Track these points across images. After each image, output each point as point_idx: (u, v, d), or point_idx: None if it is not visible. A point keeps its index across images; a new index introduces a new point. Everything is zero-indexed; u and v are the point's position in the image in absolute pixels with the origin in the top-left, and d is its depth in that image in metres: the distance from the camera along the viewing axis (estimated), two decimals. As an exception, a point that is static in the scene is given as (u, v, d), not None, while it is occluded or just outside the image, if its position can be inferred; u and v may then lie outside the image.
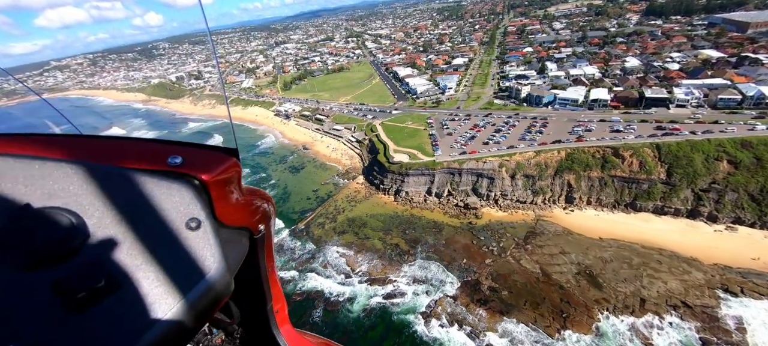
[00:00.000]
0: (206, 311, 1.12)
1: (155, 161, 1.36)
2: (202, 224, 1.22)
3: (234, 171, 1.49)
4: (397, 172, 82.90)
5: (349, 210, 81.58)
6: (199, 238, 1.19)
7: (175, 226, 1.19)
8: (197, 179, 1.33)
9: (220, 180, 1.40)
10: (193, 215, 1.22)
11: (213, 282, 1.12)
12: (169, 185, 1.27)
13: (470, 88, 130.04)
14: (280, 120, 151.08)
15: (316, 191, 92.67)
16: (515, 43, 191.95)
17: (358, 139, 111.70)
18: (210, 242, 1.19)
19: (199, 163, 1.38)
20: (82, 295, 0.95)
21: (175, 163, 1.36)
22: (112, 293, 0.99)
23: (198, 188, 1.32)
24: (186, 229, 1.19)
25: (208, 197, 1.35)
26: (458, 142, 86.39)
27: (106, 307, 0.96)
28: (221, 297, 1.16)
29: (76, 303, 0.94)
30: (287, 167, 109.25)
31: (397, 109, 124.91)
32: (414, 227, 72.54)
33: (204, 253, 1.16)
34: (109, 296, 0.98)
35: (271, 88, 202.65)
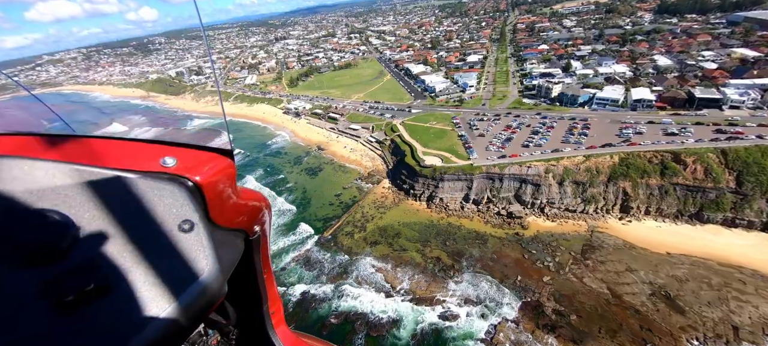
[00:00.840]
0: (199, 313, 1.10)
1: (148, 163, 1.34)
2: (196, 226, 1.20)
3: (229, 172, 1.47)
4: (430, 176, 76.12)
5: (379, 218, 74.72)
6: (192, 240, 1.17)
7: (167, 228, 1.17)
8: (191, 181, 1.31)
9: (215, 181, 1.37)
10: (186, 216, 1.21)
11: (206, 284, 1.10)
12: (162, 186, 1.25)
13: (492, 86, 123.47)
14: (290, 118, 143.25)
15: (338, 196, 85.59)
16: (528, 41, 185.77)
17: (379, 139, 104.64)
18: (203, 244, 1.17)
19: (193, 165, 1.36)
20: (70, 298, 0.93)
21: (168, 164, 1.34)
22: (102, 295, 0.97)
23: (192, 190, 1.30)
24: (179, 231, 1.17)
25: (202, 198, 1.32)
26: (494, 145, 79.77)
27: (96, 310, 0.94)
28: (214, 300, 1.15)
29: (65, 306, 0.92)
30: (304, 169, 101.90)
31: (417, 107, 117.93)
32: (454, 237, 65.92)
33: (197, 255, 1.14)
34: (98, 299, 0.96)
35: (277, 85, 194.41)
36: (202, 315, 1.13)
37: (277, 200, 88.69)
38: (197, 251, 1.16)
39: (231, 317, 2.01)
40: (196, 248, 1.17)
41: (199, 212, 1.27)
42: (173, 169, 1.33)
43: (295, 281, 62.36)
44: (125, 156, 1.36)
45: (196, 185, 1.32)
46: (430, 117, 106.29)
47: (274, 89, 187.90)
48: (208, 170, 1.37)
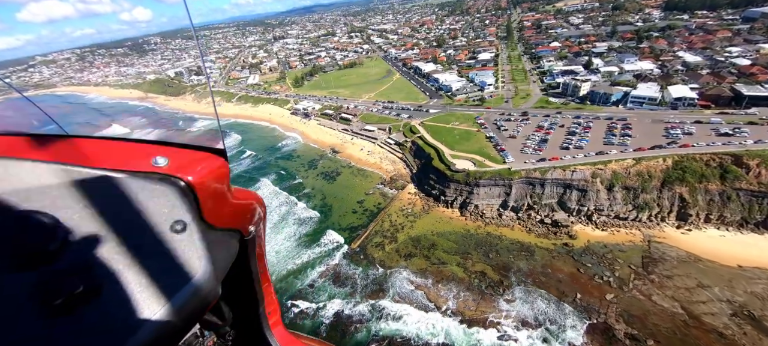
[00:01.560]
0: (192, 315, 1.07)
1: (138, 162, 1.31)
2: (188, 226, 1.17)
3: (222, 172, 1.43)
4: (464, 182, 70.28)
5: (409, 227, 68.80)
6: (184, 241, 1.14)
7: (159, 229, 1.14)
8: (183, 181, 1.28)
9: (207, 181, 1.35)
10: (178, 217, 1.18)
11: (199, 286, 1.07)
12: (153, 187, 1.23)
13: (511, 84, 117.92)
14: (299, 119, 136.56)
15: (361, 203, 79.48)
16: (538, 38, 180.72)
17: (398, 141, 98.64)
18: (196, 244, 1.15)
19: (185, 164, 1.33)
20: (59, 301, 0.90)
21: (160, 164, 1.31)
22: (92, 298, 0.94)
23: (184, 190, 1.27)
24: (171, 232, 1.15)
25: (194, 198, 1.30)
26: (529, 147, 74.20)
27: (86, 312, 0.91)
28: (208, 301, 1.12)
29: (54, 309, 0.89)
30: (320, 173, 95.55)
31: (434, 107, 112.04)
32: (496, 249, 60.27)
33: (189, 256, 1.11)
34: (88, 302, 0.93)
35: (281, 85, 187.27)
36: (195, 317, 1.10)
37: (297, 205, 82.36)
38: (190, 252, 1.13)
39: (227, 318, 1.98)
40: (189, 249, 1.13)
41: (192, 212, 1.24)
42: (165, 169, 1.30)
43: (326, 299, 56.28)
44: (116, 156, 1.33)
45: (189, 185, 1.28)
46: (451, 117, 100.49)
47: (278, 89, 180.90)
48: (200, 170, 1.34)
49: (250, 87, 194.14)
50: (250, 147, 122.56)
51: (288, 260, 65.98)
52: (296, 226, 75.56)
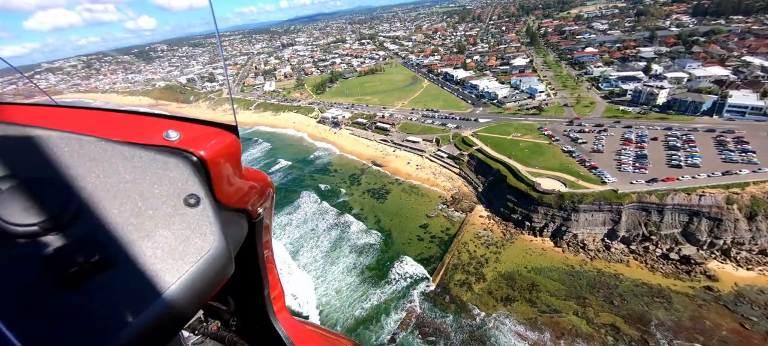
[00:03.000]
0: (206, 289, 1.03)
1: (151, 136, 1.27)
2: (201, 200, 1.13)
3: (233, 149, 1.38)
4: (557, 205, 58.12)
5: (495, 260, 56.43)
6: (198, 214, 1.10)
7: (173, 201, 1.10)
8: (195, 156, 1.24)
9: (219, 157, 1.30)
10: (191, 191, 1.14)
11: (213, 259, 1.03)
12: (166, 159, 1.19)
13: (563, 92, 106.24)
14: (328, 128, 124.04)
15: (425, 227, 67.05)
16: (567, 44, 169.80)
17: (451, 154, 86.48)
18: (210, 218, 1.10)
19: (197, 139, 1.29)
20: (74, 270, 0.87)
21: (172, 138, 1.27)
22: (106, 268, 0.91)
23: (197, 165, 1.23)
24: (185, 205, 1.11)
25: (206, 174, 1.26)
26: (628, 164, 62.23)
27: (100, 283, 0.88)
28: (222, 276, 1.08)
29: (68, 278, 0.86)
30: (366, 191, 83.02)
31: (483, 116, 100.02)
32: (618, 292, 47.94)
33: (204, 229, 1.07)
34: (103, 272, 0.90)
35: (301, 92, 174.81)
36: (210, 291, 1.06)
37: (351, 229, 69.70)
38: (204, 226, 1.08)
39: (231, 303, 1.94)
40: (203, 223, 1.08)
41: (204, 187, 1.19)
42: (177, 143, 1.26)
43: (416, 361, 43.77)
44: (128, 128, 1.29)
45: (201, 160, 1.25)
46: (509, 127, 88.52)
47: (299, 96, 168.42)
48: (212, 146, 1.28)
49: (268, 94, 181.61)
50: (278, 156, 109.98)
51: (354, 303, 53.28)
52: (354, 255, 62.94)
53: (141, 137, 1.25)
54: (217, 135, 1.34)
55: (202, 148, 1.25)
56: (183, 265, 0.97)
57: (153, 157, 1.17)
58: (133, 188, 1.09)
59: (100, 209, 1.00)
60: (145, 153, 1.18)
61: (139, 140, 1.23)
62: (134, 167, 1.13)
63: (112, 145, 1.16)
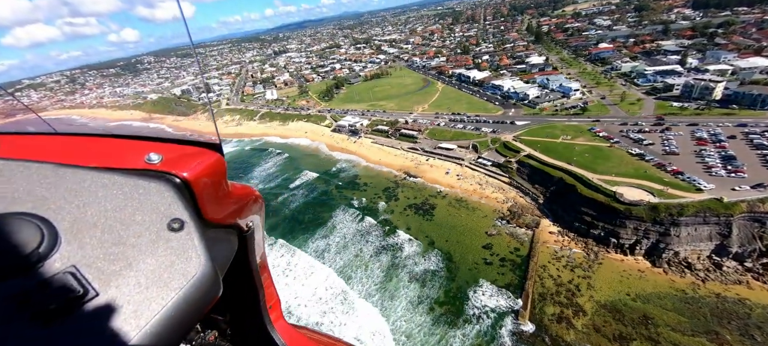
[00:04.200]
0: (194, 314, 1.00)
1: (132, 160, 1.23)
2: (186, 224, 1.09)
3: (218, 167, 1.34)
4: (650, 219, 49.99)
5: (588, 287, 47.84)
6: (182, 239, 1.06)
7: (156, 227, 1.06)
8: (178, 177, 1.21)
9: (204, 177, 1.26)
10: (175, 215, 1.10)
11: (199, 285, 0.99)
12: (148, 184, 1.15)
13: (598, 89, 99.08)
14: (346, 137, 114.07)
15: (489, 248, 58.09)
16: (577, 40, 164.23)
17: (496, 162, 77.89)
18: (195, 243, 1.06)
19: (180, 160, 1.26)
20: (53, 306, 0.82)
21: (154, 161, 1.23)
22: (89, 302, 0.86)
23: (180, 187, 1.20)
24: (168, 230, 1.07)
25: (191, 195, 1.22)
26: (717, 167, 54.73)
27: (82, 318, 0.83)
28: (209, 300, 1.04)
29: (48, 316, 0.81)
30: (408, 206, 73.53)
31: (519, 119, 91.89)
32: (754, 322, 39.83)
33: (189, 255, 1.03)
34: (85, 306, 0.85)
35: (307, 99, 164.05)
36: (197, 316, 1.02)
37: (403, 253, 60.29)
38: (189, 251, 1.04)
39: (228, 314, 1.94)
40: (188, 248, 1.05)
41: (189, 209, 1.15)
42: (159, 166, 1.22)
43: None
44: (108, 154, 1.26)
45: (184, 182, 1.21)
46: (553, 129, 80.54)
47: (305, 104, 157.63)
48: (196, 166, 1.25)
49: (271, 103, 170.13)
50: (298, 166, 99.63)
51: (433, 349, 43.91)
52: (416, 286, 53.47)
53: (121, 162, 1.21)
54: (201, 154, 1.30)
55: (185, 170, 1.22)
56: (168, 292, 0.94)
57: (134, 183, 1.13)
58: (114, 217, 1.04)
59: (80, 241, 0.96)
60: (125, 179, 1.14)
61: (119, 166, 1.19)
62: (114, 195, 1.09)
63: (91, 174, 1.12)
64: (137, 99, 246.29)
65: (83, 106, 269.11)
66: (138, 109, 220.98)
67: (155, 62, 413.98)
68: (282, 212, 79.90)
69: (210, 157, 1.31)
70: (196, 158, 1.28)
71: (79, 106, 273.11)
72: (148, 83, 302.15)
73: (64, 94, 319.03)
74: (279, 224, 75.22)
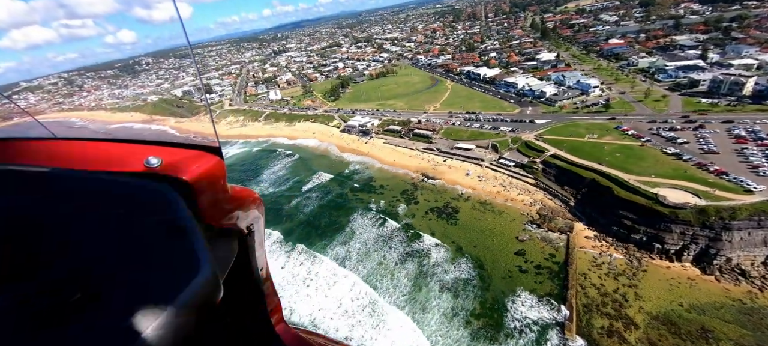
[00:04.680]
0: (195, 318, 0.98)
1: (132, 163, 1.23)
2: (186, 226, 1.08)
3: (218, 170, 1.33)
4: (699, 223, 46.85)
5: (635, 297, 44.61)
6: (183, 242, 1.05)
7: (156, 230, 1.05)
8: (178, 181, 1.20)
9: (204, 180, 1.26)
10: (175, 218, 1.09)
11: (200, 288, 0.97)
12: (147, 187, 1.14)
13: (617, 85, 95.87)
14: (357, 138, 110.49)
15: (521, 255, 54.77)
16: (588, 36, 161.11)
17: (519, 162, 74.59)
18: (195, 245, 1.05)
19: (180, 164, 1.25)
20: (54, 309, 0.82)
21: (153, 164, 1.22)
22: (90, 305, 0.85)
23: (180, 190, 1.19)
24: (168, 233, 1.06)
25: (191, 198, 1.21)
26: (764, 166, 51.65)
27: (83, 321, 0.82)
28: (210, 303, 1.02)
29: (49, 318, 0.81)
30: (429, 210, 70.07)
31: (539, 117, 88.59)
32: (824, 336, 36.92)
33: (189, 257, 1.02)
34: (86, 309, 0.84)
35: (313, 99, 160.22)
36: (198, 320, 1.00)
37: (430, 259, 56.94)
38: (189, 253, 1.02)
39: (229, 318, 1.90)
40: (188, 251, 1.03)
41: (189, 212, 1.14)
42: (159, 169, 1.21)
43: None
44: (108, 158, 1.25)
45: (184, 185, 1.20)
46: (577, 128, 77.30)
47: (310, 104, 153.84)
48: (196, 169, 1.25)
49: (276, 103, 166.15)
50: (310, 168, 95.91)
51: (477, 367, 40.57)
52: (448, 296, 50.07)
53: (121, 166, 1.20)
54: (200, 158, 1.29)
55: (185, 173, 1.21)
56: (169, 295, 0.93)
57: (134, 186, 1.13)
58: (116, 220, 1.03)
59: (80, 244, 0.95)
60: (125, 182, 1.13)
61: (119, 169, 1.18)
62: (114, 198, 1.08)
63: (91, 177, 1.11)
64: (137, 101, 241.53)
65: (82, 109, 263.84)
66: (138, 111, 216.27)
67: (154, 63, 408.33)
68: (296, 217, 76.32)
69: (209, 160, 1.30)
70: (195, 161, 1.26)
71: (78, 108, 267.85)
72: (147, 85, 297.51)
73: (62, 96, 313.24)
74: (294, 230, 71.68)
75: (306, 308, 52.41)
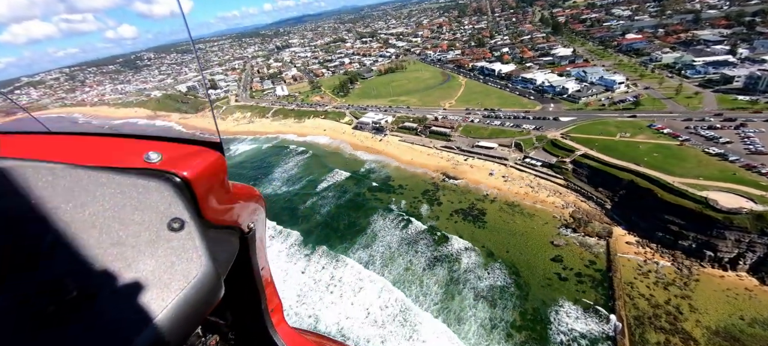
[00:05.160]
0: (196, 316, 0.97)
1: (130, 159, 1.21)
2: (186, 224, 1.06)
3: (219, 166, 1.31)
4: (756, 230, 43.47)
5: (690, 309, 41.34)
6: (183, 239, 1.03)
7: (156, 227, 1.03)
8: (179, 177, 1.18)
9: (204, 176, 1.24)
10: (175, 215, 1.07)
11: (201, 286, 0.96)
12: (147, 183, 1.12)
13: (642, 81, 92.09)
14: (370, 135, 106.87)
15: (559, 261, 51.40)
16: (603, 32, 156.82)
17: (547, 162, 71.13)
18: (195, 242, 1.03)
19: (180, 159, 1.23)
20: (52, 308, 0.80)
21: (153, 160, 1.21)
22: (88, 303, 0.84)
23: (180, 186, 1.17)
24: (168, 230, 1.04)
25: (191, 195, 1.19)
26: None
27: (81, 319, 0.81)
28: (211, 301, 1.01)
29: (47, 317, 0.79)
30: (454, 212, 66.67)
31: (563, 114, 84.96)
32: None
33: (189, 255, 1.00)
34: (84, 308, 0.83)
35: (321, 95, 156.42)
36: (198, 318, 0.99)
37: (460, 265, 53.75)
38: (189, 251, 1.01)
39: (229, 317, 1.89)
40: (188, 248, 1.01)
41: (189, 209, 1.12)
42: (158, 165, 1.19)
43: None
44: (106, 153, 1.24)
45: (185, 181, 1.18)
46: (606, 126, 73.73)
47: (319, 100, 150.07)
48: (196, 165, 1.22)
49: (283, 99, 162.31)
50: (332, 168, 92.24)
51: (526, 386, 37.40)
52: (485, 306, 46.82)
53: (120, 161, 1.18)
54: (201, 153, 1.27)
55: (186, 169, 1.19)
56: (169, 293, 0.91)
57: (133, 182, 1.11)
58: (113, 216, 1.02)
59: (78, 241, 0.94)
60: (124, 178, 1.11)
61: (118, 164, 1.16)
62: (113, 194, 1.06)
63: (89, 172, 1.09)
64: (140, 96, 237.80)
65: (85, 104, 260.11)
66: (142, 107, 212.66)
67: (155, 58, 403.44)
68: (313, 218, 73.04)
69: (210, 156, 1.28)
70: (196, 157, 1.25)
71: (81, 103, 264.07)
72: (149, 80, 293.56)
73: (64, 92, 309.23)
74: (313, 231, 68.43)
75: (332, 317, 49.28)
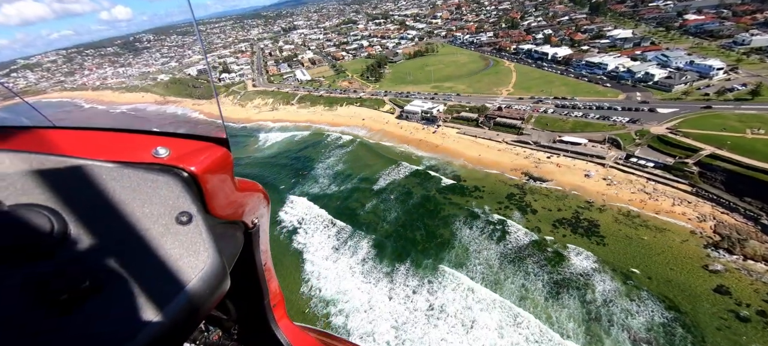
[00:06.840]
0: (202, 308, 0.98)
1: (139, 154, 1.22)
2: (194, 217, 1.08)
3: (225, 161, 1.32)
4: None
5: None
6: (191, 232, 1.04)
7: (164, 221, 1.05)
8: (186, 172, 1.20)
9: (211, 172, 1.25)
10: (183, 208, 1.09)
11: (208, 278, 0.98)
12: (156, 178, 1.14)
13: (743, 67, 79.90)
14: (420, 126, 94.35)
15: (726, 294, 40.27)
16: (654, 12, 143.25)
17: (662, 162, 59.55)
18: (203, 236, 1.05)
19: (187, 155, 1.25)
20: (65, 296, 0.82)
21: (161, 155, 1.22)
22: (99, 293, 0.85)
23: (187, 181, 1.18)
24: (176, 223, 1.05)
25: (198, 189, 1.21)
26: None
27: (93, 308, 0.83)
28: (218, 292, 1.02)
29: (60, 305, 0.81)
30: (557, 222, 54.94)
31: (659, 105, 72.76)
32: None
33: (197, 248, 1.01)
34: (95, 297, 0.85)
35: (350, 80, 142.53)
36: (204, 311, 1.00)
37: (596, 288, 42.71)
38: (198, 244, 1.02)
39: (232, 312, 1.90)
40: (196, 241, 1.03)
41: (197, 203, 1.14)
42: (166, 160, 1.21)
43: None
44: (115, 147, 1.24)
45: (192, 176, 1.20)
46: (725, 120, 62.02)
47: (348, 86, 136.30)
48: (203, 160, 1.24)
49: (305, 85, 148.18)
50: (381, 165, 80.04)
51: None
52: (652, 359, 36.08)
53: (129, 156, 1.20)
54: (208, 149, 1.29)
55: (193, 164, 1.21)
56: (177, 284, 0.93)
57: (142, 176, 1.12)
58: (123, 209, 1.03)
59: (89, 233, 0.95)
60: (133, 172, 1.13)
61: (126, 159, 1.18)
62: (123, 187, 1.08)
63: (99, 166, 1.11)
64: (145, 80, 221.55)
65: (86, 88, 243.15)
66: (149, 92, 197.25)
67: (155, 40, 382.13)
68: (380, 226, 61.43)
69: (217, 152, 1.29)
70: (203, 153, 1.26)
71: (81, 87, 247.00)
72: (151, 63, 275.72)
73: (62, 75, 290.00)
74: (384, 244, 56.96)
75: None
